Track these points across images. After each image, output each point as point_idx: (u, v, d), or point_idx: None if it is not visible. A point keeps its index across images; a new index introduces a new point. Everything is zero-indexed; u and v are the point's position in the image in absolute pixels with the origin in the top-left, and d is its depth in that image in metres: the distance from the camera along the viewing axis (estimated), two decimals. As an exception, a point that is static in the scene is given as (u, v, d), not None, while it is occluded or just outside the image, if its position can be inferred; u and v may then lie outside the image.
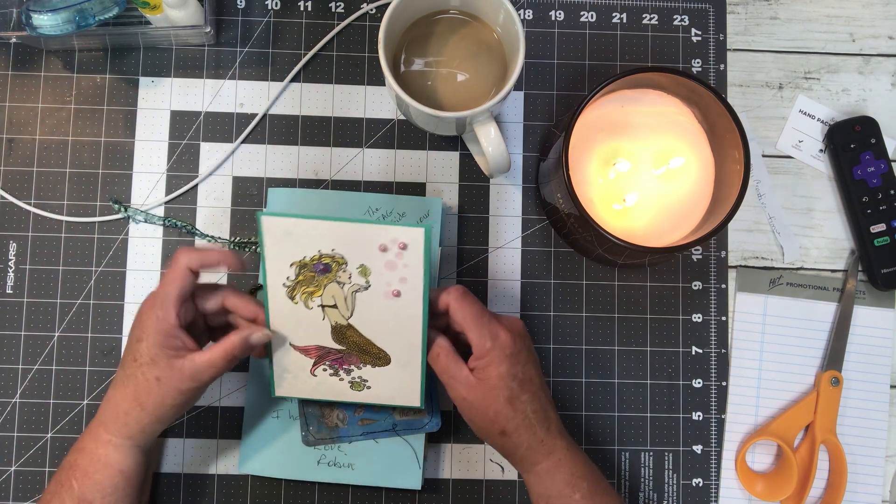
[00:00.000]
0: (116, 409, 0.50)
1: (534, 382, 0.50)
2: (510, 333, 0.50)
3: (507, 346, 0.49)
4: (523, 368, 0.50)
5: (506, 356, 0.49)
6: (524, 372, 0.50)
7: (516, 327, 0.51)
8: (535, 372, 0.51)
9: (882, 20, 0.67)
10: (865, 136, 0.63)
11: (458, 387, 0.50)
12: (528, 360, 0.51)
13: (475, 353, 0.50)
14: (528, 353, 0.51)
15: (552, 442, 0.51)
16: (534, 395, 0.50)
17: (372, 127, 0.64)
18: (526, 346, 0.51)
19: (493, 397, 0.49)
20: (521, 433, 0.50)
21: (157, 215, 0.62)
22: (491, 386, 0.49)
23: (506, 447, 0.51)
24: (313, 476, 0.59)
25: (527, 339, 0.52)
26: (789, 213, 0.65)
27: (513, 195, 0.64)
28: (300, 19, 0.65)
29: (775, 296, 0.63)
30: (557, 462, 0.51)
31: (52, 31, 0.55)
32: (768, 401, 0.63)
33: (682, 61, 0.66)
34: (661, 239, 0.57)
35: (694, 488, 0.62)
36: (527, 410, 0.50)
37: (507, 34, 0.56)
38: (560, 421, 0.52)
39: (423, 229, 0.48)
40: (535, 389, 0.50)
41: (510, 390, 0.49)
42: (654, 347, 0.63)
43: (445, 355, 0.51)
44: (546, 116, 0.65)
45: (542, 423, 0.50)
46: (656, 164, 0.58)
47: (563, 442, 0.51)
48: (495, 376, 0.49)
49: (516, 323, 0.52)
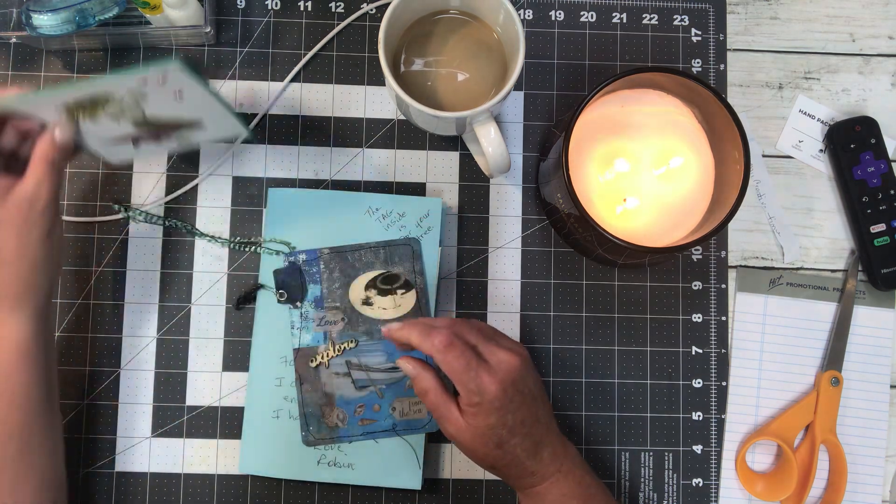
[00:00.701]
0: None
1: (525, 424, 0.49)
2: (500, 384, 0.47)
3: (495, 399, 0.47)
4: (514, 415, 0.48)
5: (494, 409, 0.47)
6: (515, 418, 0.48)
7: (508, 372, 0.48)
8: (527, 412, 0.49)
9: (882, 20, 0.67)
10: (865, 136, 0.63)
11: (447, 426, 0.49)
12: (521, 405, 0.48)
13: (462, 403, 0.48)
14: (522, 397, 0.49)
15: (543, 470, 0.50)
16: (525, 436, 0.49)
17: (372, 127, 0.64)
18: (519, 389, 0.48)
19: (482, 443, 0.48)
20: (511, 468, 0.50)
21: (157, 215, 0.62)
22: (480, 433, 0.48)
23: (497, 474, 0.52)
24: (313, 476, 0.59)
25: (520, 381, 0.49)
26: (789, 213, 0.65)
27: (513, 195, 0.64)
28: (300, 19, 0.65)
29: (775, 296, 0.63)
30: (549, 486, 0.50)
31: (52, 31, 0.55)
32: (768, 401, 0.63)
33: (682, 61, 0.66)
34: (661, 239, 0.57)
35: (694, 488, 0.62)
36: (517, 451, 0.49)
37: (507, 34, 0.56)
38: (556, 444, 0.51)
39: (176, 63, 0.46)
40: (526, 430, 0.49)
41: (499, 437, 0.48)
42: (654, 347, 0.63)
43: (434, 394, 0.49)
44: (546, 116, 0.65)
45: (534, 457, 0.50)
46: (656, 164, 0.58)
47: (555, 467, 0.51)
48: (483, 426, 0.48)
49: (509, 365, 0.48)
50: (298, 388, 0.59)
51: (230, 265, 0.62)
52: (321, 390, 0.59)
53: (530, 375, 0.50)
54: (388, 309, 0.60)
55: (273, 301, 0.60)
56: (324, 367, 0.59)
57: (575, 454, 0.52)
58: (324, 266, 0.60)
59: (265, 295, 0.60)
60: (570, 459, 0.52)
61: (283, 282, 0.60)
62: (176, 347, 0.61)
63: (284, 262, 0.60)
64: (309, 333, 0.59)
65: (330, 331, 0.59)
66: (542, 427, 0.50)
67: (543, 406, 0.51)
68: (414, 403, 0.59)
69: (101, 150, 0.55)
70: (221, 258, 0.62)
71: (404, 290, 0.60)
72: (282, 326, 0.60)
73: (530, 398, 0.49)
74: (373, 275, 0.60)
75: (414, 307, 0.60)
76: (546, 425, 0.51)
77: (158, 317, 0.61)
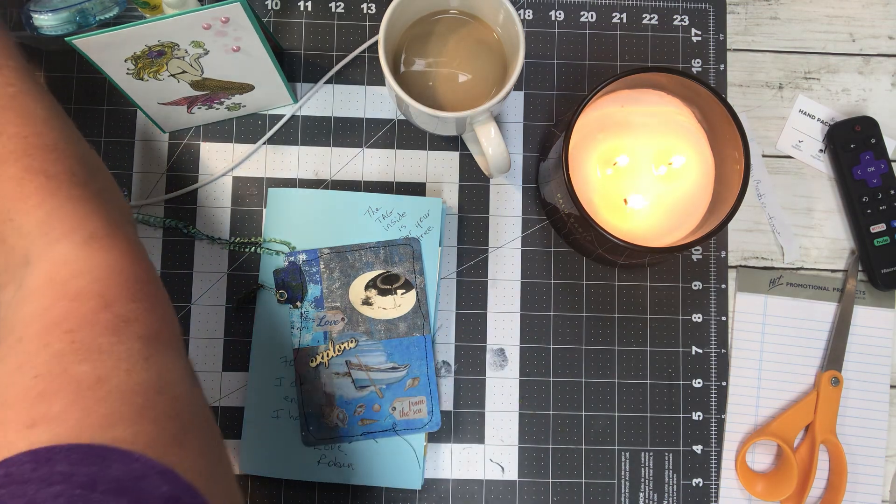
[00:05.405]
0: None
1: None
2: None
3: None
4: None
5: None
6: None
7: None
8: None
9: (882, 20, 0.67)
10: (865, 136, 0.63)
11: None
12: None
13: None
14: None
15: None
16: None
17: (372, 127, 0.64)
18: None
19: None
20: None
21: (156, 215, 0.62)
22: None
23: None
24: (313, 476, 0.59)
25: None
26: (789, 213, 0.65)
27: (513, 195, 0.64)
28: (300, 19, 0.65)
29: (775, 296, 0.63)
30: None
31: (52, 31, 0.55)
32: (768, 401, 0.63)
33: (682, 61, 0.66)
34: (661, 239, 0.57)
35: (694, 488, 0.62)
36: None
37: (507, 34, 0.56)
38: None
39: (238, 3, 0.50)
40: None
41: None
42: (654, 347, 0.63)
43: None
44: (546, 116, 0.65)
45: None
46: (656, 164, 0.58)
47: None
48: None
49: None
50: (298, 388, 0.59)
51: (230, 265, 0.62)
52: (321, 390, 0.59)
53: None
54: (388, 309, 0.60)
55: (273, 301, 0.60)
56: (324, 367, 0.59)
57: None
58: (324, 266, 0.60)
59: (265, 295, 0.60)
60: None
61: (283, 282, 0.60)
62: (176, 347, 0.61)
63: (284, 262, 0.60)
64: (309, 333, 0.59)
65: (330, 331, 0.59)
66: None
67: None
68: (414, 403, 0.59)
69: (158, 116, 0.60)
70: (221, 258, 0.62)
71: (404, 290, 0.60)
72: (282, 326, 0.60)
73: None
74: (373, 275, 0.60)
75: (414, 307, 0.60)
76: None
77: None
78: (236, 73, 0.57)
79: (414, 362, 0.59)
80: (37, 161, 0.44)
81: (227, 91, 0.59)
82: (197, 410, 0.40)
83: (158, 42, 0.52)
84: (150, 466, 0.33)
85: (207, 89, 0.58)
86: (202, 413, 0.40)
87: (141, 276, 0.42)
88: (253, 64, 0.56)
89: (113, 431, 0.34)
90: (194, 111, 0.61)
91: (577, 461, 0.61)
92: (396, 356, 0.59)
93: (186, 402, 0.39)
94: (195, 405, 0.40)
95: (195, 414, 0.39)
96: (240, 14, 0.50)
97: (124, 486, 0.31)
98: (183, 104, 0.59)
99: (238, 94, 0.59)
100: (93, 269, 0.40)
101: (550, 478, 0.61)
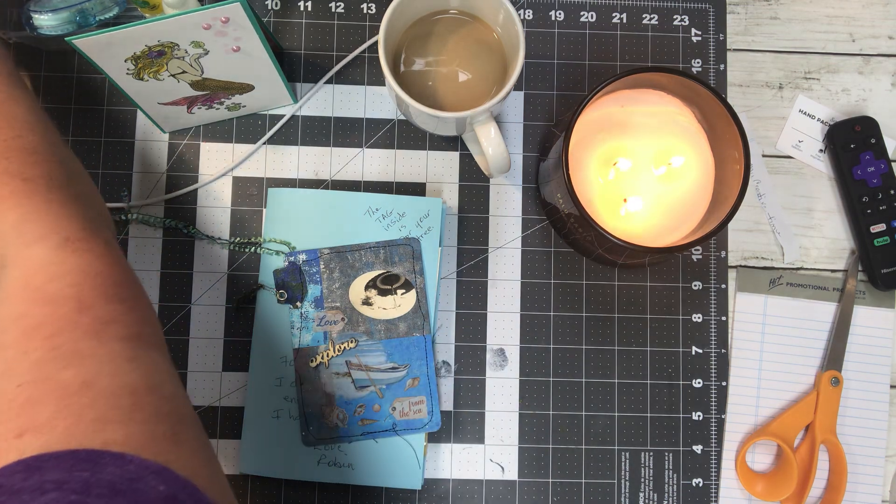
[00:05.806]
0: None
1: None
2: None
3: None
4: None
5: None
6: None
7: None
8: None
9: (882, 20, 0.67)
10: (865, 136, 0.63)
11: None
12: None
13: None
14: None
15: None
16: None
17: (372, 127, 0.64)
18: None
19: None
20: None
21: (156, 216, 0.62)
22: None
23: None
24: (313, 476, 0.59)
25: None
26: (789, 213, 0.65)
27: (513, 195, 0.64)
28: (300, 19, 0.65)
29: (775, 296, 0.63)
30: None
31: (52, 31, 0.55)
32: (768, 401, 0.63)
33: (682, 61, 0.66)
34: (661, 239, 0.57)
35: (694, 488, 0.62)
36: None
37: (507, 34, 0.56)
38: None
39: (238, 3, 0.50)
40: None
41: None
42: (654, 347, 0.63)
43: None
44: (546, 116, 0.65)
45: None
46: (656, 164, 0.58)
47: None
48: None
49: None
50: (298, 388, 0.59)
51: (230, 265, 0.62)
52: (321, 390, 0.59)
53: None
54: (388, 309, 0.60)
55: (273, 301, 0.60)
56: (324, 367, 0.59)
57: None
58: (324, 266, 0.60)
59: (265, 295, 0.60)
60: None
61: (283, 282, 0.60)
62: (176, 347, 0.61)
63: (284, 262, 0.60)
64: (309, 333, 0.59)
65: (330, 331, 0.59)
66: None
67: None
68: (414, 403, 0.59)
69: (158, 116, 0.60)
70: (221, 258, 0.62)
71: (404, 290, 0.60)
72: (282, 326, 0.60)
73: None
74: (373, 275, 0.60)
75: (414, 307, 0.60)
76: None
77: (158, 317, 0.61)
78: (236, 73, 0.57)
79: (414, 362, 0.59)
80: (14, 164, 0.44)
81: (227, 91, 0.59)
82: (186, 408, 0.40)
83: (158, 42, 0.52)
84: (144, 467, 0.33)
85: (207, 89, 0.58)
86: (191, 411, 0.40)
87: (118, 279, 0.42)
88: (253, 64, 0.56)
89: (104, 435, 0.34)
90: (194, 111, 0.61)
91: (577, 461, 0.61)
92: (396, 356, 0.59)
93: (176, 400, 0.39)
94: (184, 403, 0.40)
95: (185, 411, 0.39)
96: (240, 14, 0.50)
97: (119, 489, 0.31)
98: (183, 104, 0.59)
99: (238, 94, 0.60)
100: (68, 273, 0.40)
101: (550, 478, 0.61)
